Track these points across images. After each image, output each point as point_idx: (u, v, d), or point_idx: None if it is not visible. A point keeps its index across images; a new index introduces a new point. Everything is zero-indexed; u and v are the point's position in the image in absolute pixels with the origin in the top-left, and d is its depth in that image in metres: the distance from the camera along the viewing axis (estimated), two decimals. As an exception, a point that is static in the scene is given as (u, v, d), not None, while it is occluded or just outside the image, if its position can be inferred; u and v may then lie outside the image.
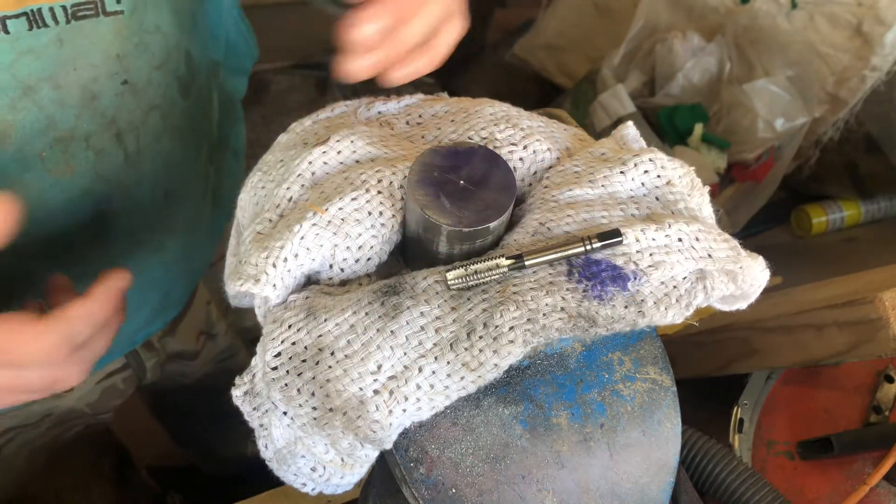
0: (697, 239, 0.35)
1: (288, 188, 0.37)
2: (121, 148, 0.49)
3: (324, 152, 0.38)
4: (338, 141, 0.38)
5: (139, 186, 0.53)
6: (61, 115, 0.45)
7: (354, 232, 0.35)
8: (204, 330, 0.76)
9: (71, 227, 0.50)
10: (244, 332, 0.82)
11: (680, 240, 0.35)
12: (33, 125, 0.44)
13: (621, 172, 0.37)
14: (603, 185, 0.37)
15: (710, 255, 0.35)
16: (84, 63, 0.44)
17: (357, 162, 0.38)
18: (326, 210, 0.35)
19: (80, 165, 0.48)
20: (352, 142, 0.38)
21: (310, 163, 0.37)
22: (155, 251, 0.58)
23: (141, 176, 0.52)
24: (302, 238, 0.34)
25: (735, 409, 0.62)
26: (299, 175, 0.37)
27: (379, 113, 0.42)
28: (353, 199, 0.35)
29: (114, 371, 0.68)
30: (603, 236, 0.33)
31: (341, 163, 0.38)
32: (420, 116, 0.41)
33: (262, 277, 0.34)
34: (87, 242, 0.52)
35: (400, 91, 0.47)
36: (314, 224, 0.34)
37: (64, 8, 0.41)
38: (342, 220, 0.35)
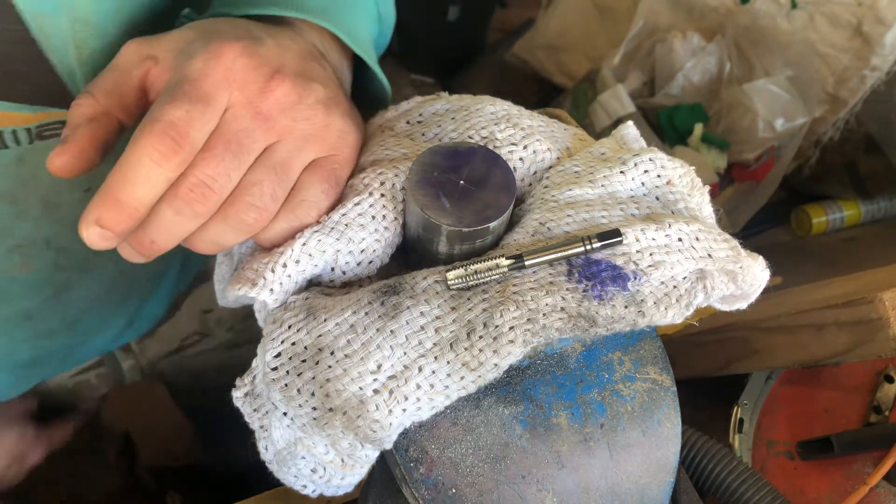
0: (697, 239, 0.35)
1: None
2: (83, 243, 0.50)
3: None
4: None
5: (103, 265, 0.52)
6: (19, 227, 0.44)
7: (357, 237, 0.35)
8: (198, 331, 0.75)
9: (31, 307, 0.50)
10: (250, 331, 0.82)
11: (680, 239, 0.35)
12: None
13: (621, 172, 0.37)
14: (603, 185, 0.37)
15: (710, 255, 0.35)
16: (45, 178, 0.42)
17: (361, 170, 0.38)
18: (329, 216, 0.35)
19: (39, 263, 0.47)
20: None
21: None
22: (121, 300, 0.59)
23: (105, 258, 0.51)
24: (304, 244, 0.34)
25: (735, 409, 0.62)
26: None
27: (378, 125, 0.42)
28: (357, 204, 0.35)
29: (87, 367, 0.68)
30: (603, 236, 0.33)
31: None
32: (420, 115, 0.41)
33: (259, 282, 0.34)
34: (49, 311, 0.52)
35: (399, 93, 0.47)
36: (316, 231, 0.34)
37: (28, 130, 0.40)
38: (346, 225, 0.35)
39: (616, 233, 0.33)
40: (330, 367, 0.32)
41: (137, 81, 0.35)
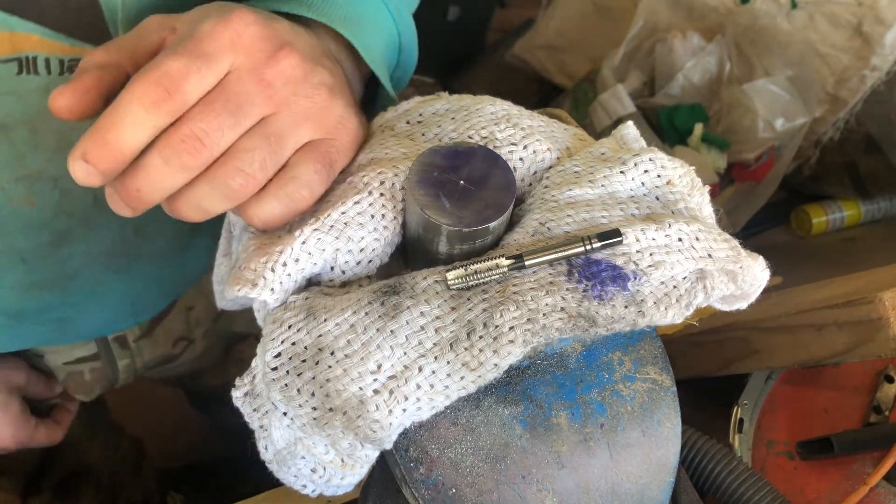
0: (697, 239, 0.35)
1: None
2: (89, 192, 0.49)
3: None
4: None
5: (105, 224, 0.52)
6: (32, 157, 0.44)
7: (357, 236, 0.35)
8: (184, 335, 0.74)
9: (27, 248, 0.50)
10: (229, 336, 0.80)
11: (680, 239, 0.35)
12: (1, 159, 0.43)
13: (621, 172, 0.37)
14: (603, 185, 0.37)
15: (710, 255, 0.35)
16: None
17: (361, 168, 0.38)
18: (329, 215, 0.35)
19: (43, 201, 0.47)
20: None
21: None
22: (119, 271, 0.58)
23: (108, 216, 0.51)
24: (303, 243, 0.34)
25: (735, 409, 0.62)
26: None
27: (378, 126, 0.42)
28: (356, 203, 0.35)
29: (83, 358, 0.67)
30: (603, 236, 0.33)
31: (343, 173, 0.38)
32: (420, 115, 0.41)
33: (259, 282, 0.34)
34: (43, 259, 0.52)
35: (399, 93, 0.47)
36: (316, 229, 0.34)
37: (61, 61, 0.41)
38: (345, 223, 0.35)
39: (616, 233, 0.33)
40: (330, 367, 0.32)
41: (153, 45, 0.36)
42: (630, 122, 0.41)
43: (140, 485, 0.89)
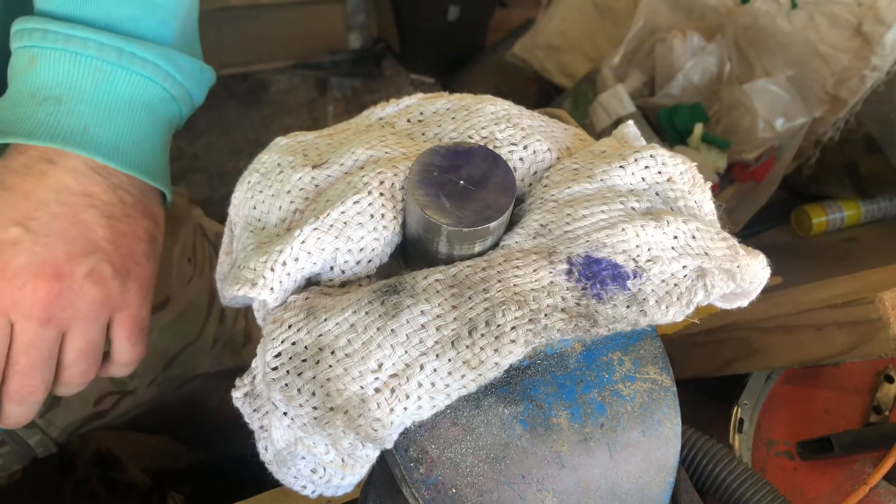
0: (694, 237, 0.36)
1: (291, 202, 0.37)
2: None
3: (325, 169, 0.38)
4: (340, 158, 0.38)
5: None
6: None
7: (356, 235, 0.35)
8: (111, 391, 0.68)
9: None
10: (192, 380, 0.75)
11: (675, 237, 0.35)
12: None
13: (620, 167, 0.37)
14: (602, 180, 0.37)
15: (706, 254, 0.35)
16: None
17: (360, 168, 0.38)
18: (328, 214, 0.35)
19: None
20: (352, 152, 0.38)
21: (312, 178, 0.37)
22: None
23: None
24: (303, 242, 0.34)
25: (735, 409, 0.62)
26: (302, 189, 0.37)
27: (379, 118, 0.41)
28: (356, 203, 0.35)
29: None
30: None
31: (345, 172, 0.38)
32: (421, 114, 0.41)
33: (259, 281, 0.34)
34: None
35: (399, 93, 0.47)
36: (315, 228, 0.34)
37: None
38: (344, 223, 0.35)
39: None
40: (330, 366, 0.32)
41: None
42: (630, 122, 0.41)
43: (120, 496, 0.86)
